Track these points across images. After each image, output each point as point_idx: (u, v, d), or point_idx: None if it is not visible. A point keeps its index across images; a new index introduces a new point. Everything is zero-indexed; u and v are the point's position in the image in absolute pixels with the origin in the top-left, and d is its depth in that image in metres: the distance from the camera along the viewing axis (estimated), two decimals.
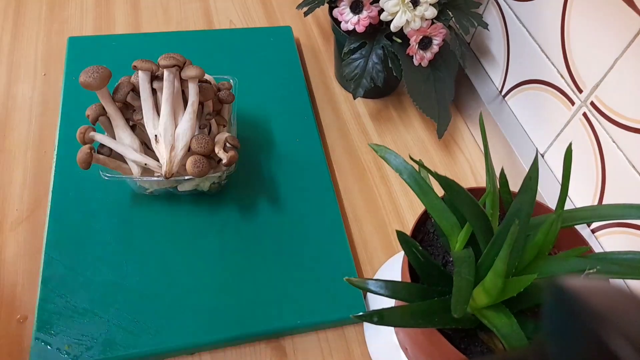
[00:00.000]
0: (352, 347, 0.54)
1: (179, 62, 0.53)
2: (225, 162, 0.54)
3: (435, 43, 0.64)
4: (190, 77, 0.53)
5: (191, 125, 0.54)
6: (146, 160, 0.54)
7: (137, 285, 0.53)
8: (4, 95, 0.70)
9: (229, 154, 0.54)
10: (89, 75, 0.51)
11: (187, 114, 0.54)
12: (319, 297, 0.54)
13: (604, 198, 0.56)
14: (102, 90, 0.52)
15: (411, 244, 0.40)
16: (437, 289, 0.40)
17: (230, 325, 0.52)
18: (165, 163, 0.53)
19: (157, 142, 0.53)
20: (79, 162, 0.51)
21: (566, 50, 0.57)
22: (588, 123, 0.56)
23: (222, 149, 0.55)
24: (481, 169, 0.72)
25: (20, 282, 0.54)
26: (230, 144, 0.56)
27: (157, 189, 0.59)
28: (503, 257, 0.34)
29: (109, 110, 0.54)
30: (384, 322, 0.36)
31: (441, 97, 0.68)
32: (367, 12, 0.62)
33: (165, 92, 0.53)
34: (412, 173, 0.42)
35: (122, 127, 0.54)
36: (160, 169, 0.53)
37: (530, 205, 0.40)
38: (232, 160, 0.55)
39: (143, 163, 0.54)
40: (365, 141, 0.73)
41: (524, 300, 0.38)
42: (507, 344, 0.35)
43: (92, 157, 0.52)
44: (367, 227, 0.64)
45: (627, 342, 0.14)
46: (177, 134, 0.54)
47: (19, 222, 0.58)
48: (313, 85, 0.78)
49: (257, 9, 0.89)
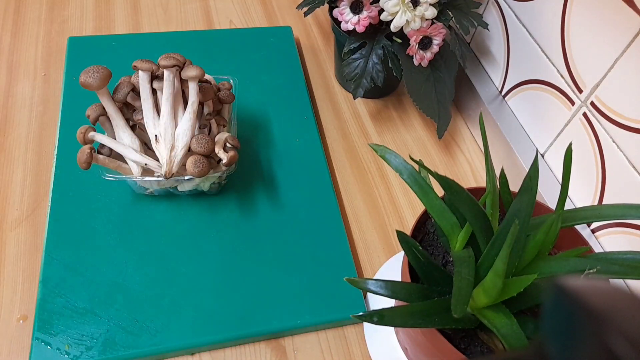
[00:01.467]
0: (352, 347, 0.54)
1: (179, 62, 0.53)
2: (225, 162, 0.54)
3: (435, 43, 0.64)
4: (191, 77, 0.53)
5: (191, 125, 0.54)
6: (146, 161, 0.54)
7: (137, 285, 0.53)
8: (4, 95, 0.70)
9: (229, 154, 0.54)
10: (89, 75, 0.51)
11: (187, 114, 0.54)
12: (319, 297, 0.54)
13: (604, 198, 0.56)
14: (102, 90, 0.52)
15: (411, 244, 0.40)
16: (437, 289, 0.40)
17: (230, 325, 0.52)
18: (166, 163, 0.53)
19: (157, 142, 0.53)
20: (79, 162, 0.51)
21: (566, 50, 0.57)
22: (588, 123, 0.56)
23: (222, 148, 0.55)
24: (481, 169, 0.72)
25: (20, 282, 0.54)
26: (231, 144, 0.56)
27: (157, 189, 0.59)
28: (503, 257, 0.34)
29: (109, 110, 0.54)
30: (384, 322, 0.36)
31: (441, 97, 0.68)
32: (367, 12, 0.62)
33: (165, 92, 0.53)
34: (412, 173, 0.42)
35: (122, 127, 0.54)
36: (161, 169, 0.53)
37: (531, 205, 0.40)
38: (232, 160, 0.55)
39: (143, 163, 0.54)
40: (365, 141, 0.73)
41: (524, 300, 0.38)
42: (507, 344, 0.35)
43: (93, 157, 0.52)
44: (367, 227, 0.64)
45: (626, 342, 0.14)
46: (177, 134, 0.54)
47: (19, 222, 0.58)
48: (313, 85, 0.78)
49: (257, 9, 0.89)
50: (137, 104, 0.55)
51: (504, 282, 0.35)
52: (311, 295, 0.54)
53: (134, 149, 0.54)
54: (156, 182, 0.57)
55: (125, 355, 0.49)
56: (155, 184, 0.57)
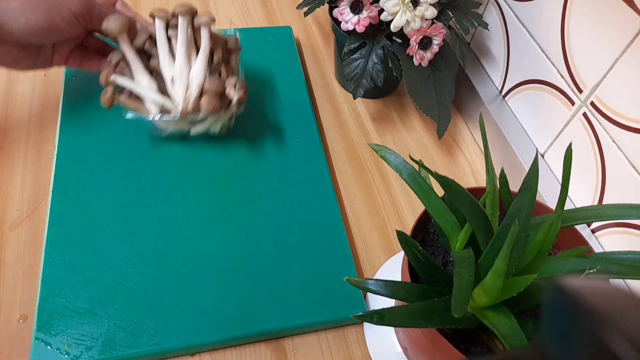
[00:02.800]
0: (352, 348, 0.54)
1: (192, 10, 0.59)
2: (236, 100, 0.60)
3: (435, 43, 0.64)
4: (203, 23, 0.59)
5: (204, 67, 0.59)
6: (164, 100, 0.59)
7: (137, 285, 0.53)
8: (3, 95, 0.70)
9: (240, 92, 0.60)
10: (110, 22, 0.56)
11: (200, 57, 0.60)
12: (319, 297, 0.54)
13: (604, 198, 0.56)
14: (122, 36, 0.58)
15: (411, 244, 0.40)
16: (437, 289, 0.40)
17: (230, 326, 0.52)
18: (182, 101, 0.58)
19: (173, 82, 0.59)
20: (103, 102, 0.57)
21: (566, 50, 0.57)
22: (588, 123, 0.56)
23: (232, 88, 0.60)
24: (481, 169, 0.72)
25: (20, 282, 0.54)
26: (239, 85, 0.61)
27: (172, 131, 0.64)
28: (503, 257, 0.34)
29: (128, 55, 0.59)
30: (384, 322, 0.36)
31: (441, 97, 0.68)
32: (367, 12, 0.62)
33: (180, 37, 0.59)
34: (412, 173, 0.42)
35: (141, 71, 0.59)
36: (176, 109, 0.59)
37: (531, 205, 0.40)
38: (242, 97, 0.60)
39: (161, 102, 0.59)
40: (365, 141, 0.73)
41: (524, 301, 0.38)
42: (507, 344, 0.35)
43: (115, 97, 0.57)
44: (367, 227, 0.63)
45: (627, 342, 0.14)
46: (192, 75, 0.59)
47: (19, 222, 0.58)
48: (313, 85, 0.78)
49: (257, 9, 0.89)
50: (153, 51, 0.60)
51: (504, 282, 0.35)
52: (311, 296, 0.54)
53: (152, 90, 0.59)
54: (172, 121, 0.61)
55: (125, 355, 0.49)
56: (171, 123, 0.62)
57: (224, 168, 0.64)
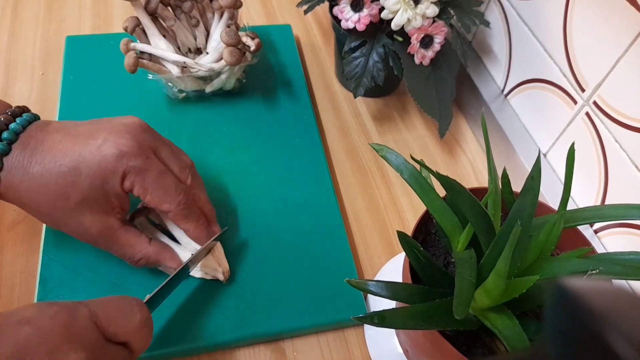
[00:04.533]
0: (352, 349, 0.53)
1: None
2: (253, 49, 0.64)
3: (436, 42, 0.64)
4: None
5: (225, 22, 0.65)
6: (185, 59, 0.62)
7: (135, 286, 0.53)
8: (1, 95, 0.69)
9: (255, 41, 0.65)
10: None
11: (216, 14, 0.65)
12: (319, 298, 0.54)
13: (607, 198, 0.55)
14: (137, 2, 0.60)
15: (412, 244, 0.39)
16: (438, 291, 0.40)
17: (229, 328, 0.51)
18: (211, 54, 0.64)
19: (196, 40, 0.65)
20: (127, 66, 0.59)
21: (568, 48, 0.57)
22: (591, 122, 0.56)
23: (249, 39, 0.65)
24: (483, 169, 0.71)
25: (18, 282, 0.54)
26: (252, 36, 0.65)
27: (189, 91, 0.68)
28: (505, 258, 0.34)
29: (143, 20, 0.62)
30: (385, 323, 0.35)
31: (442, 96, 0.68)
32: (368, 10, 0.62)
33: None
34: (413, 173, 0.42)
35: (157, 35, 0.62)
36: (196, 65, 0.62)
37: (533, 205, 0.40)
38: (258, 46, 0.65)
39: (182, 62, 0.62)
40: (366, 140, 0.72)
41: (526, 302, 0.37)
42: (509, 346, 0.35)
43: (138, 61, 0.60)
44: (368, 227, 0.63)
45: (629, 343, 0.14)
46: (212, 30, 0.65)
47: (16, 222, 0.58)
48: (313, 84, 0.78)
49: (256, 8, 0.88)
50: (165, 14, 0.63)
51: (506, 284, 0.35)
52: (311, 297, 0.54)
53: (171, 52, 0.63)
54: (191, 79, 0.65)
55: None
56: (189, 81, 0.66)
57: (224, 168, 0.64)
